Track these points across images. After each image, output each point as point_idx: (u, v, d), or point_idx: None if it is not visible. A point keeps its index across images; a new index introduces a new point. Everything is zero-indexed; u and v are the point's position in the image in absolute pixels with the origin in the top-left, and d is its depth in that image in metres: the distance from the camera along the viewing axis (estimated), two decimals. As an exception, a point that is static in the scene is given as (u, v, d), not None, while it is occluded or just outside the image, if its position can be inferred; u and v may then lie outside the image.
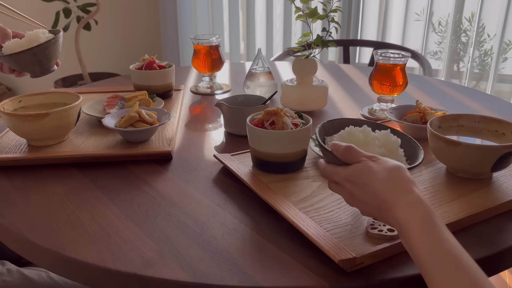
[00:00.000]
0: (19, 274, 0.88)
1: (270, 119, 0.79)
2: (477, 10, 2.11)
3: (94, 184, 0.81)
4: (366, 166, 0.58)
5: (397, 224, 0.53)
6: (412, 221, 0.52)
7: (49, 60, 0.95)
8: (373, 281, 0.56)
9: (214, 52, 1.32)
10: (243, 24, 2.73)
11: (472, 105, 1.20)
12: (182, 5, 2.71)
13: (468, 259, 0.48)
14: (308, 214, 0.67)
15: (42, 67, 0.95)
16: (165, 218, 0.70)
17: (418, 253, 0.49)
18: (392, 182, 0.55)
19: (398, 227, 0.53)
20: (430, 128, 0.79)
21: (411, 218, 0.52)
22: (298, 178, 0.79)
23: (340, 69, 1.61)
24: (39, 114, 0.88)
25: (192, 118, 1.15)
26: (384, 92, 1.10)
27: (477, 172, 0.77)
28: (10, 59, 0.92)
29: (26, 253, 0.69)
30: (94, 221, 0.70)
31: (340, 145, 0.61)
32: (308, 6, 1.11)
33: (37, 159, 0.87)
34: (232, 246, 0.63)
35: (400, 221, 0.53)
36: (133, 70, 1.21)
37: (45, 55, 0.93)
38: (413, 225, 0.51)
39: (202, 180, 0.82)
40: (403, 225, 0.52)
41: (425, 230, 0.51)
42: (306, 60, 1.14)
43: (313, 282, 0.56)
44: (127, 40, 3.02)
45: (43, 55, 0.93)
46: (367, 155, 0.60)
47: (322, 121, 0.75)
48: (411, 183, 0.55)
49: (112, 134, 0.98)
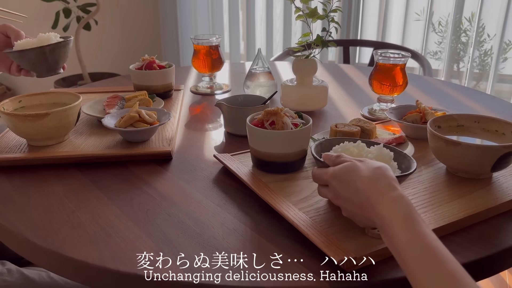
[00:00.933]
0: (19, 274, 0.88)
1: (270, 119, 0.79)
2: (477, 10, 2.11)
3: (94, 184, 0.81)
4: (352, 164, 0.61)
5: (379, 220, 0.55)
6: (394, 216, 0.54)
7: (57, 62, 0.97)
8: (373, 281, 0.56)
9: (214, 52, 1.32)
10: (243, 24, 2.73)
11: (472, 105, 1.20)
12: (182, 5, 2.71)
13: (448, 254, 0.50)
14: (308, 214, 0.67)
15: (49, 67, 0.97)
16: (165, 218, 0.70)
17: (400, 246, 0.51)
18: (376, 180, 0.58)
19: (381, 222, 0.55)
20: (430, 128, 0.79)
21: (394, 213, 0.54)
22: (298, 178, 0.79)
23: (340, 69, 1.61)
24: (39, 114, 0.88)
25: (192, 118, 1.15)
26: (384, 92, 1.10)
27: (477, 172, 0.77)
28: (20, 56, 0.94)
29: (26, 253, 0.69)
30: (94, 221, 0.70)
31: (331, 154, 0.66)
32: (308, 6, 1.11)
33: (37, 159, 0.87)
34: (232, 246, 0.63)
35: (383, 216, 0.55)
36: (133, 70, 1.21)
37: (53, 56, 0.95)
38: (396, 220, 0.53)
39: (202, 180, 0.82)
40: (385, 220, 0.54)
41: (406, 224, 0.53)
42: (306, 60, 1.14)
43: (313, 282, 0.56)
44: (127, 40, 3.02)
45: (51, 56, 0.95)
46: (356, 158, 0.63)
47: (322, 121, 0.75)
48: (394, 180, 0.58)
49: (112, 134, 0.98)
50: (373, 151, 0.70)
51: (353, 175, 0.60)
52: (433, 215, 0.67)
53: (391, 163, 0.69)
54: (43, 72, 0.98)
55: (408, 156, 0.72)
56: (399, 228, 0.52)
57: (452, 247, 0.62)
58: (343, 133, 0.87)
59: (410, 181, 0.77)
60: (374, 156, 0.69)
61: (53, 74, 0.98)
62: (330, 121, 1.09)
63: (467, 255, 0.61)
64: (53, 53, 0.95)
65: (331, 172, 0.62)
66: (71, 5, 2.57)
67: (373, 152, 0.70)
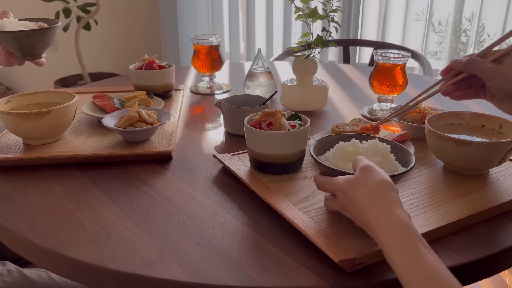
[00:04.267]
0: (20, 275, 0.88)
1: (268, 120, 0.79)
2: (477, 10, 2.11)
3: (94, 184, 0.81)
4: (355, 180, 0.59)
5: (380, 244, 0.54)
6: (393, 243, 0.52)
7: (32, 48, 0.98)
8: (373, 281, 0.56)
9: (214, 52, 1.32)
10: (243, 24, 2.73)
11: (472, 105, 1.20)
12: (182, 5, 2.71)
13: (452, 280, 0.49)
14: (308, 214, 0.67)
15: (24, 53, 0.98)
16: (165, 218, 0.70)
17: (402, 278, 0.50)
18: (373, 202, 0.56)
19: (381, 246, 0.54)
20: (435, 130, 0.78)
21: (392, 240, 0.52)
22: (298, 178, 0.79)
23: (340, 69, 1.61)
24: (41, 112, 0.88)
25: (192, 118, 1.15)
26: (384, 92, 1.10)
27: (482, 168, 0.79)
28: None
29: (26, 253, 0.69)
30: (94, 221, 0.70)
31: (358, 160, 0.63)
32: (308, 6, 1.12)
33: (37, 159, 0.87)
34: (232, 246, 0.63)
35: (382, 243, 0.53)
36: (133, 70, 1.21)
37: (27, 42, 0.96)
38: (394, 248, 0.52)
39: (202, 180, 0.82)
40: (384, 246, 0.53)
41: (406, 253, 0.51)
42: (306, 60, 1.14)
43: (313, 282, 0.56)
44: (127, 40, 3.02)
45: (25, 42, 0.96)
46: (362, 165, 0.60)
47: (322, 121, 0.75)
48: (393, 202, 0.56)
49: (112, 134, 0.98)
50: (369, 147, 0.69)
51: (355, 193, 0.58)
52: (433, 215, 0.67)
53: (389, 156, 0.68)
54: (20, 56, 0.99)
55: (402, 147, 0.72)
56: (399, 257, 0.51)
57: (452, 247, 0.62)
58: None
59: (410, 181, 0.77)
60: (374, 152, 0.68)
61: (31, 59, 1.00)
62: (330, 121, 1.09)
63: (467, 255, 0.61)
64: (26, 39, 0.95)
65: (337, 186, 0.61)
66: (71, 5, 2.57)
67: (370, 148, 0.69)
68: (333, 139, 0.76)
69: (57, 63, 2.75)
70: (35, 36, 0.96)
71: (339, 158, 0.69)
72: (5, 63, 1.00)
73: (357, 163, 0.62)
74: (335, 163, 0.68)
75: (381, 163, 0.67)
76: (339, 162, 0.69)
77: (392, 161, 0.68)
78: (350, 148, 0.70)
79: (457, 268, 0.59)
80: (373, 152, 0.68)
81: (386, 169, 0.65)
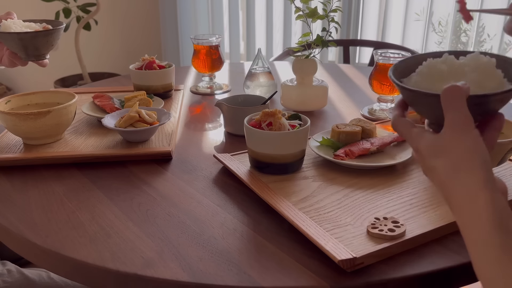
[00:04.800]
0: (20, 275, 0.88)
1: (268, 120, 0.79)
2: (477, 10, 2.11)
3: (94, 184, 0.81)
4: (437, 141, 0.48)
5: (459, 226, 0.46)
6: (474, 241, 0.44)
7: (37, 49, 0.98)
8: (373, 281, 0.56)
9: (214, 52, 1.32)
10: (243, 24, 2.73)
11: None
12: (182, 5, 2.71)
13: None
14: (308, 214, 0.67)
15: (29, 54, 0.98)
16: (165, 218, 0.70)
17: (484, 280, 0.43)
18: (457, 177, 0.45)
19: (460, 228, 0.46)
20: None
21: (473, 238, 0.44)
22: (298, 178, 0.79)
23: (340, 69, 1.61)
24: (41, 112, 0.88)
25: (192, 118, 1.15)
26: (384, 92, 1.10)
27: None
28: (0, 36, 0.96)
29: (26, 253, 0.69)
30: (94, 221, 0.70)
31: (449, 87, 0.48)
32: (308, 6, 1.11)
33: (37, 159, 0.87)
34: (232, 246, 0.63)
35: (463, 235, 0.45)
36: (133, 70, 1.21)
37: (32, 43, 0.96)
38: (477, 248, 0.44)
39: (202, 180, 0.82)
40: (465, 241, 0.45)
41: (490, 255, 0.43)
42: (306, 60, 1.14)
43: (313, 282, 0.56)
44: (127, 40, 3.02)
45: (30, 43, 0.96)
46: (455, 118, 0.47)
47: (322, 121, 0.75)
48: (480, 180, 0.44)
49: (112, 134, 0.98)
50: (468, 62, 0.54)
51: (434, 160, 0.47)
52: (433, 215, 0.67)
53: (494, 72, 0.53)
54: (25, 57, 0.99)
55: None
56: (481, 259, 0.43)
57: (452, 247, 0.62)
58: (346, 133, 0.87)
59: (410, 181, 0.77)
60: (472, 69, 0.54)
61: (35, 60, 1.00)
62: (330, 121, 1.09)
63: (467, 255, 0.60)
64: (31, 40, 0.96)
65: (415, 145, 0.50)
66: (71, 5, 2.57)
67: (468, 65, 0.54)
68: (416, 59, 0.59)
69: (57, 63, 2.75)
70: (40, 38, 0.96)
71: (427, 78, 0.55)
72: (9, 63, 1.00)
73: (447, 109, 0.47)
74: (420, 85, 0.54)
75: (481, 82, 0.53)
76: (425, 83, 0.54)
77: (499, 78, 0.53)
78: (443, 65, 0.55)
79: (457, 268, 0.59)
80: (471, 68, 0.54)
81: (489, 88, 0.52)
